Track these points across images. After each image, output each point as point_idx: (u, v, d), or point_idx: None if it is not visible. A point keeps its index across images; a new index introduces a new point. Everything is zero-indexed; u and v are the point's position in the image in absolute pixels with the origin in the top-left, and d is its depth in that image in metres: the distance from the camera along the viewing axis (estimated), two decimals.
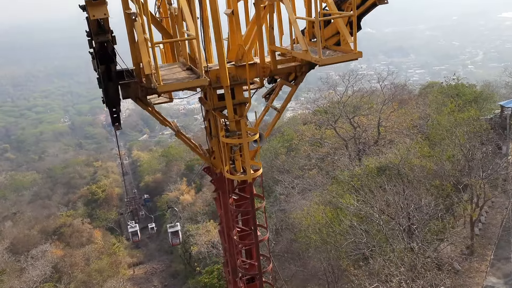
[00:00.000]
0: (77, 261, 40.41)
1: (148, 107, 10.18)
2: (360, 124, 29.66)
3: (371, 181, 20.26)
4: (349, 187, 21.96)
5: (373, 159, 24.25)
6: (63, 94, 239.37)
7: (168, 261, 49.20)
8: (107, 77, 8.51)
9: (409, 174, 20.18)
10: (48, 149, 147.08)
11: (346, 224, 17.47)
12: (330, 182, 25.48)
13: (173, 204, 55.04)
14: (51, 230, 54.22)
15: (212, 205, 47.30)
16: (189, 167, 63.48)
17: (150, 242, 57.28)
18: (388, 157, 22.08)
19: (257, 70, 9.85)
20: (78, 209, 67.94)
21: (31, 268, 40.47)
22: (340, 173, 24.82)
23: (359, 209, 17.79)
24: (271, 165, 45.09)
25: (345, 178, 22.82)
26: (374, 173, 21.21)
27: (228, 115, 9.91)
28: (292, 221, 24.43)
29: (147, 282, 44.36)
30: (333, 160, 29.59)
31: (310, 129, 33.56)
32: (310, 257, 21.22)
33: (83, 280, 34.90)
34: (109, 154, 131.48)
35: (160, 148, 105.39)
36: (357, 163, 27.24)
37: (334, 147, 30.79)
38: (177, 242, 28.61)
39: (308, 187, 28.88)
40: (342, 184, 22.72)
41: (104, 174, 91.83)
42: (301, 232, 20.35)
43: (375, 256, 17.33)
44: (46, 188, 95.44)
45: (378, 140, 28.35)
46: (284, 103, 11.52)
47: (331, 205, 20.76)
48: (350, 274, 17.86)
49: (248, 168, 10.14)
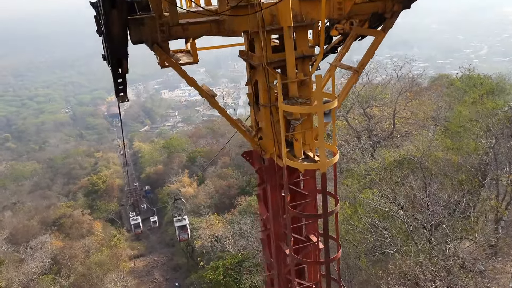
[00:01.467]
0: (77, 253, 39.45)
1: (170, 58, 7.37)
2: (374, 115, 28.19)
3: (391, 175, 18.81)
4: (366, 181, 20.60)
5: (390, 151, 22.82)
6: (65, 84, 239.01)
7: (169, 254, 48.22)
8: (109, 2, 5.24)
9: (433, 168, 18.61)
10: (49, 139, 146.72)
11: (365, 221, 15.98)
12: (344, 175, 24.08)
13: (173, 196, 53.97)
14: (50, 221, 53.35)
15: (216, 198, 46.26)
16: (191, 159, 62.47)
17: (151, 234, 56.34)
18: (409, 149, 20.52)
19: (330, 8, 6.88)
20: (78, 200, 67.03)
21: (30, 259, 39.56)
22: (355, 166, 23.43)
23: (381, 205, 16.23)
24: None
25: (361, 172, 21.40)
26: (393, 166, 19.78)
27: (288, 72, 7.02)
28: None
29: (148, 275, 43.38)
30: (344, 152, 28.20)
31: None
32: None
33: (82, 273, 33.90)
34: (110, 145, 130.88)
35: (161, 140, 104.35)
36: (370, 156, 25.94)
37: (345, 139, 29.33)
38: (185, 238, 25.83)
39: None
40: (358, 178, 21.34)
41: (105, 165, 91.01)
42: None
43: (397, 255, 15.84)
44: (46, 179, 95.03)
45: (393, 132, 26.87)
46: (364, 59, 8.13)
47: (347, 200, 19.34)
48: (370, 273, 16.55)
49: (322, 151, 7.10)
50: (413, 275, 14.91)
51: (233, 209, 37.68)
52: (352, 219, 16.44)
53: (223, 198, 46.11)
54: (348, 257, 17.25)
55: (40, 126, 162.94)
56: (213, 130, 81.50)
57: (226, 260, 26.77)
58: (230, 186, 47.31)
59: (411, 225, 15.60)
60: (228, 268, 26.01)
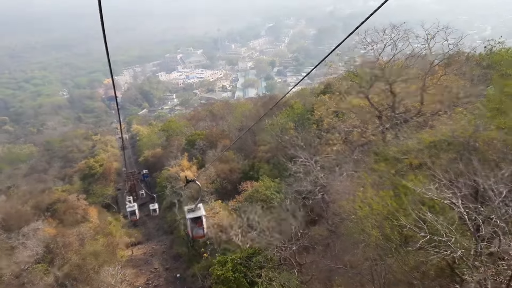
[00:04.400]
0: (71, 241, 37.43)
1: None
2: (398, 91, 25.42)
3: (435, 158, 16.05)
4: (403, 165, 18.05)
5: (425, 131, 20.17)
6: (61, 66, 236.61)
7: (168, 242, 46.20)
8: None
9: (486, 151, 15.80)
10: (47, 122, 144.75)
11: (413, 216, 13.17)
12: (369, 159, 21.59)
13: (173, 181, 51.86)
14: (44, 206, 51.22)
15: (217, 182, 44.00)
16: (190, 142, 60.25)
17: (149, 220, 54.34)
18: (454, 128, 17.73)
19: None
20: (74, 184, 64.98)
21: (22, 247, 37.61)
22: (386, 148, 20.86)
23: (437, 194, 13.28)
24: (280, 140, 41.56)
25: (395, 155, 18.75)
26: (437, 149, 17.04)
27: None
28: (334, 210, 20.34)
29: (147, 264, 41.38)
30: (362, 133, 25.68)
31: (334, 98, 29.23)
32: (355, 254, 17.36)
33: (77, 264, 31.89)
34: (108, 128, 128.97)
35: (160, 123, 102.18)
36: (394, 137, 23.46)
37: (363, 119, 26.73)
38: (201, 234, 18.03)
39: (331, 165, 25.17)
40: (391, 162, 18.74)
41: (103, 148, 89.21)
42: (353, 224, 16.10)
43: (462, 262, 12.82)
44: (43, 162, 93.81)
45: (422, 110, 24.13)
46: None
47: (381, 188, 16.77)
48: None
49: None
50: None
51: (237, 195, 35.38)
52: (399, 213, 13.65)
53: (225, 183, 43.91)
54: (388, 261, 14.70)
55: (38, 109, 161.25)
56: (213, 113, 79.19)
57: (235, 254, 24.52)
58: (232, 170, 45.04)
59: (472, 219, 12.64)
60: (237, 263, 23.80)
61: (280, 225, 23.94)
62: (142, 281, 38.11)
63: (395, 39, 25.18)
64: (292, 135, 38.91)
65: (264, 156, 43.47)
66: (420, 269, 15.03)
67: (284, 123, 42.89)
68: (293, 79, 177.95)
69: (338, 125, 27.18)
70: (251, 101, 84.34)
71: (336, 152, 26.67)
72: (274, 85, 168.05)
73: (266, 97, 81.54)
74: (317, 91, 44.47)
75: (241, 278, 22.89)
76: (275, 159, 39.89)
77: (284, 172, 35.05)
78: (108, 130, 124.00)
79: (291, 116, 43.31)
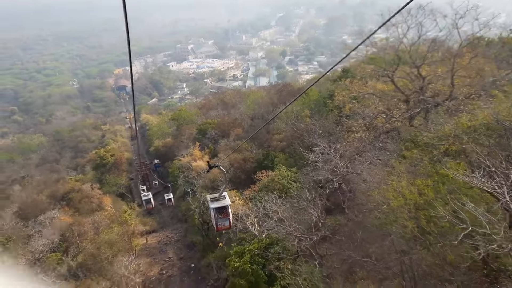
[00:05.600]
0: (86, 229, 37.32)
1: None
2: (426, 74, 24.24)
3: (476, 144, 15.00)
4: (439, 152, 17.08)
5: (463, 115, 19.02)
6: (73, 57, 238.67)
7: (182, 230, 45.97)
8: None
9: None
10: (56, 111, 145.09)
11: (452, 206, 12.28)
12: (399, 146, 20.65)
13: (185, 170, 51.48)
14: (59, 196, 51.39)
15: (231, 172, 43.41)
16: (202, 131, 59.58)
17: (163, 209, 54.21)
18: (498, 111, 16.55)
19: None
20: (87, 174, 65.03)
21: (38, 235, 37.65)
22: (419, 134, 19.84)
23: (481, 183, 12.26)
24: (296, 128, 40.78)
25: (430, 141, 17.76)
26: (478, 134, 15.99)
27: None
28: (359, 201, 19.51)
29: (161, 253, 41.19)
30: (387, 119, 24.64)
31: (356, 83, 28.08)
32: (382, 246, 16.60)
33: (91, 253, 31.68)
34: (117, 118, 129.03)
35: (169, 112, 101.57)
36: (423, 123, 22.50)
37: (388, 105, 25.66)
38: (226, 226, 16.22)
39: (353, 153, 24.31)
40: (424, 149, 17.79)
41: (112, 138, 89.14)
42: (384, 215, 15.20)
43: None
44: (54, 152, 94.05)
45: (452, 94, 22.94)
46: None
47: (414, 177, 15.89)
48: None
49: None
50: None
51: (252, 184, 34.76)
52: (436, 204, 12.77)
53: (239, 172, 43.33)
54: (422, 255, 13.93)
55: (47, 98, 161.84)
56: (224, 101, 78.37)
57: (253, 245, 23.82)
58: (246, 159, 44.39)
59: None
60: (255, 254, 23.18)
61: (299, 214, 23.34)
62: (156, 270, 37.91)
63: (420, 20, 24.02)
64: (308, 123, 38.08)
65: (279, 145, 42.77)
66: (453, 263, 14.29)
67: (300, 110, 42.04)
68: (304, 68, 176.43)
69: (361, 111, 26.16)
70: (263, 89, 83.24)
71: (359, 140, 25.80)
72: (285, 74, 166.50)
73: (279, 84, 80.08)
74: (333, 78, 43.40)
75: (259, 270, 22.23)
76: (291, 148, 39.19)
77: (301, 161, 34.36)
78: (117, 119, 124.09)
79: (306, 103, 42.43)
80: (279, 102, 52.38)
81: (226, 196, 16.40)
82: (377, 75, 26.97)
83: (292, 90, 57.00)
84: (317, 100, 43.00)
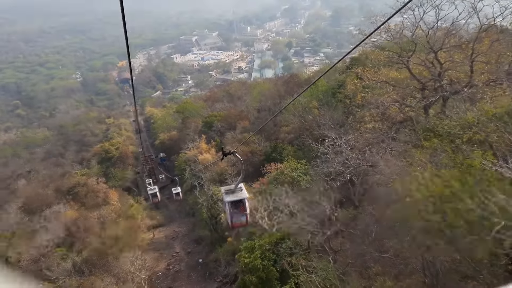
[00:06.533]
0: (92, 224, 36.78)
1: None
2: (444, 60, 23.06)
3: (501, 132, 14.09)
4: (462, 142, 16.16)
5: (489, 103, 18.00)
6: (75, 50, 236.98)
7: (190, 225, 45.37)
8: None
9: None
10: (59, 105, 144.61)
11: (479, 199, 11.46)
12: (417, 136, 19.64)
13: (191, 164, 50.85)
14: (65, 190, 50.85)
15: (237, 166, 42.63)
16: (208, 124, 58.82)
17: (170, 203, 53.63)
18: None
19: None
20: (93, 168, 64.51)
21: (43, 230, 37.11)
22: (439, 123, 18.80)
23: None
24: (304, 120, 39.86)
25: (451, 130, 16.80)
26: (504, 121, 15.05)
27: None
28: (375, 194, 18.60)
29: (168, 247, 40.61)
30: (401, 109, 23.57)
31: (369, 71, 26.91)
32: (402, 241, 15.68)
33: (96, 249, 31.07)
34: (121, 111, 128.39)
35: (174, 105, 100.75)
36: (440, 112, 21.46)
37: (402, 93, 24.58)
38: (243, 222, 14.19)
39: (365, 144, 23.37)
40: (445, 138, 16.83)
41: (117, 131, 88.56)
42: (405, 208, 14.27)
43: None
44: (59, 146, 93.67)
45: (471, 81, 21.79)
46: None
47: (438, 167, 14.95)
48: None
49: None
50: None
51: (261, 177, 33.90)
52: (463, 195, 11.93)
53: (246, 165, 42.46)
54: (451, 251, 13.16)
55: (50, 92, 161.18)
56: (230, 94, 77.42)
57: (263, 240, 23.02)
58: (253, 152, 43.53)
59: None
60: (266, 249, 22.38)
61: (312, 208, 22.49)
62: (163, 265, 37.35)
63: (437, 3, 22.78)
64: (316, 115, 37.16)
65: (287, 137, 41.89)
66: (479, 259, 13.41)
67: (308, 102, 41.09)
68: (310, 60, 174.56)
69: (375, 100, 25.10)
70: (269, 81, 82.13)
71: (372, 130, 24.80)
72: (291, 65, 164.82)
73: (285, 76, 78.90)
74: (342, 68, 42.40)
75: (270, 266, 21.43)
76: (299, 140, 38.34)
77: (310, 154, 33.49)
78: (121, 113, 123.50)
79: (315, 94, 41.40)
80: (286, 93, 51.46)
81: (243, 188, 14.52)
82: (391, 63, 25.86)
83: (299, 81, 56.02)
84: (325, 91, 41.99)
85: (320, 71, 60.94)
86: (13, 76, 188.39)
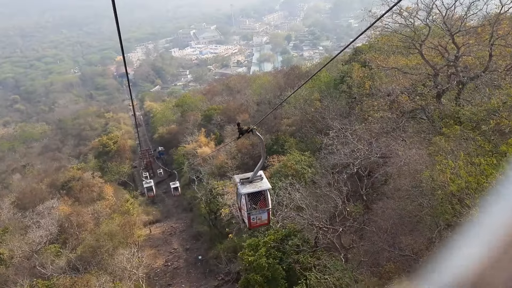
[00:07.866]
0: (86, 220, 35.31)
1: None
2: (461, 44, 21.52)
3: None
4: (488, 128, 14.65)
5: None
6: (73, 44, 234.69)
7: (188, 220, 43.91)
8: None
9: None
10: (58, 100, 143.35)
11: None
12: (429, 124, 18.23)
13: (190, 157, 49.51)
14: (59, 184, 49.43)
15: (238, 158, 41.21)
16: (207, 117, 57.55)
17: (167, 197, 52.19)
18: None
19: None
20: (89, 162, 63.03)
21: (35, 226, 35.71)
22: (459, 109, 17.34)
23: None
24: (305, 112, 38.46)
25: (473, 116, 15.34)
26: None
27: None
28: (391, 186, 17.07)
29: (165, 244, 39.17)
30: (411, 97, 22.04)
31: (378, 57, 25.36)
32: (426, 239, 14.23)
33: (91, 245, 29.64)
34: (120, 105, 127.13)
35: (173, 99, 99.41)
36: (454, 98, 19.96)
37: (413, 80, 23.04)
38: (265, 221, 10.98)
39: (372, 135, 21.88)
40: (466, 125, 15.41)
41: (116, 126, 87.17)
42: (438, 202, 12.79)
43: None
44: (56, 140, 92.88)
45: (489, 66, 20.23)
46: None
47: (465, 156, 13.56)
48: None
49: None
50: None
51: (263, 170, 32.38)
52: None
53: (247, 158, 41.06)
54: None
55: (49, 87, 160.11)
56: (229, 87, 75.97)
57: (268, 237, 21.50)
58: (254, 144, 42.04)
59: None
60: (270, 246, 20.92)
61: (320, 202, 20.99)
62: (161, 262, 35.99)
63: None
64: (318, 106, 35.80)
65: (288, 129, 40.45)
66: None
67: (309, 94, 39.66)
68: (310, 53, 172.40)
69: (385, 88, 23.55)
70: (269, 74, 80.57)
71: (381, 119, 23.27)
72: (290, 59, 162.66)
73: (286, 68, 77.27)
74: (345, 59, 40.87)
75: (276, 265, 19.91)
76: (301, 132, 36.96)
77: (313, 146, 32.08)
78: (121, 107, 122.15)
79: (317, 85, 39.86)
80: (286, 85, 50.09)
81: (263, 177, 10.91)
82: (402, 48, 24.29)
83: (300, 73, 54.60)
84: (328, 82, 40.48)
85: (321, 64, 59.28)
86: (12, 71, 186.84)
